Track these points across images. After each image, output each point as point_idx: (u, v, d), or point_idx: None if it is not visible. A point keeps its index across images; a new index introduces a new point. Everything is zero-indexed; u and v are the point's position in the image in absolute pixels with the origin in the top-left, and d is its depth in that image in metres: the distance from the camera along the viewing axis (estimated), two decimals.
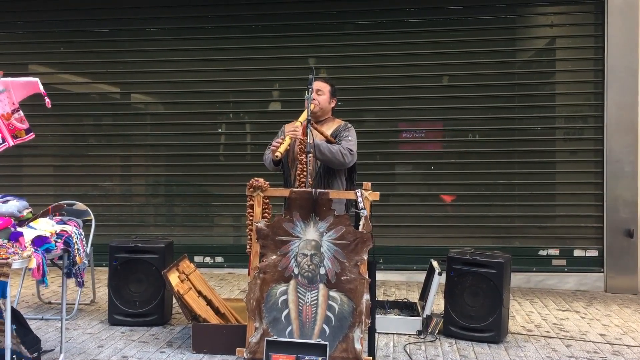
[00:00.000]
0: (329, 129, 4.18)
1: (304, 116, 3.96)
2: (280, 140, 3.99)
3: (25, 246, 3.18)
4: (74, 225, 3.66)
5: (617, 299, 5.82)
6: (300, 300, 3.64)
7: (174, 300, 4.53)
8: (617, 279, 6.14)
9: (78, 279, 3.61)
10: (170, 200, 7.03)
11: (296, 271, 3.66)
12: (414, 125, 6.60)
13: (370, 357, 3.63)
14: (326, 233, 3.66)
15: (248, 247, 3.84)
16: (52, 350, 3.91)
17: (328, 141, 4.07)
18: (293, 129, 3.98)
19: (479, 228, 6.45)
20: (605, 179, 6.21)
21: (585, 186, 6.35)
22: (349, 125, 4.24)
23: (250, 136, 6.95)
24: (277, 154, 3.90)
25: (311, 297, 3.63)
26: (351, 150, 4.06)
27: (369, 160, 6.40)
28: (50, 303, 5.21)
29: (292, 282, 3.66)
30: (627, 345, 4.29)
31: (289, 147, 4.03)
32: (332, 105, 4.31)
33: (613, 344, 4.34)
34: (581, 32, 6.40)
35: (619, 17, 6.13)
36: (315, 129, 4.01)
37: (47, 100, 4.19)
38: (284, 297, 3.65)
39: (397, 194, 6.60)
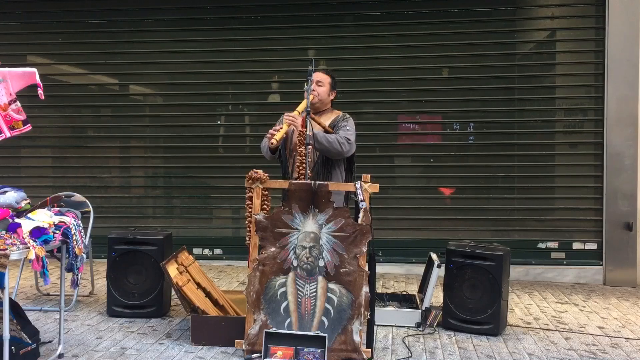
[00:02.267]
0: (327, 119, 4.16)
1: (302, 105, 3.95)
2: (278, 128, 3.97)
3: (23, 237, 3.17)
4: (73, 217, 3.65)
5: (616, 292, 5.83)
6: (299, 292, 3.63)
7: (173, 292, 4.52)
8: (615, 271, 6.14)
9: (74, 276, 3.58)
10: (169, 192, 7.01)
11: (295, 263, 3.65)
12: (414, 117, 6.59)
13: (369, 349, 3.63)
14: (325, 225, 3.65)
15: (247, 239, 3.83)
16: (50, 341, 3.91)
17: (326, 131, 4.05)
18: (291, 117, 3.95)
19: (478, 221, 6.45)
20: (605, 172, 6.20)
21: (584, 179, 6.34)
22: (347, 115, 4.22)
23: (249, 128, 6.93)
24: (273, 141, 3.87)
25: (310, 290, 3.63)
26: (349, 139, 4.03)
27: (368, 153, 6.40)
28: (48, 294, 5.21)
29: (291, 274, 3.65)
30: (625, 338, 4.30)
31: (285, 135, 4.01)
32: (332, 97, 4.28)
33: (611, 336, 4.34)
34: (582, 24, 6.37)
35: (620, 10, 6.10)
36: (314, 119, 3.98)
37: (40, 92, 4.14)
38: (282, 289, 3.64)
39: (396, 187, 6.60)
